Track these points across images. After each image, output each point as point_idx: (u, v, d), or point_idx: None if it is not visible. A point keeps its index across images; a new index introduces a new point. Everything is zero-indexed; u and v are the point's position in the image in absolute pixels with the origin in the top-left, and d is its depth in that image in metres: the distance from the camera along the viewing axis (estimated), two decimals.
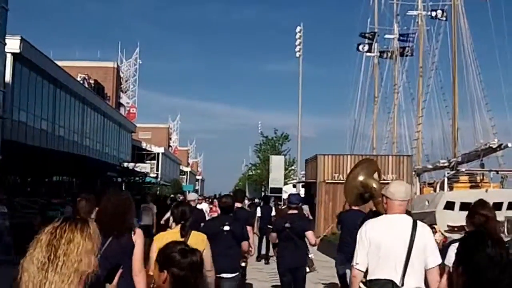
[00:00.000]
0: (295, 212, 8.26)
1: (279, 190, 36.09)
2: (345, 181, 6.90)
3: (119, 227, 4.67)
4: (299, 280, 7.98)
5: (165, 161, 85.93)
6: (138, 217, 14.72)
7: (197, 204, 12.34)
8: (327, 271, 12.76)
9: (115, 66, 70.34)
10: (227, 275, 6.85)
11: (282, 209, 15.80)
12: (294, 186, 43.79)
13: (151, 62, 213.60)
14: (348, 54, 71.11)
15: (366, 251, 4.41)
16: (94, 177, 40.51)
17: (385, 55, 47.02)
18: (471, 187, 27.57)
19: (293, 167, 52.93)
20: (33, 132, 35.28)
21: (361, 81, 48.38)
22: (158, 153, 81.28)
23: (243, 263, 8.74)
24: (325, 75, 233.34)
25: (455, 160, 31.64)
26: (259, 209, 17.09)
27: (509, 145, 29.01)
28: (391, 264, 4.31)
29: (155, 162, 79.63)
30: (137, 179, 48.84)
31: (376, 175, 6.18)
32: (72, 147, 42.99)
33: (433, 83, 38.58)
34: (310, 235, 8.01)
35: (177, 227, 5.66)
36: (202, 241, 5.51)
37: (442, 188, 27.71)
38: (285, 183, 43.07)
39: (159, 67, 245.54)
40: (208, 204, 21.61)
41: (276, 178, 37.60)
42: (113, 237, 4.62)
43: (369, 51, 47.34)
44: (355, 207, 8.15)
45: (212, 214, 15.17)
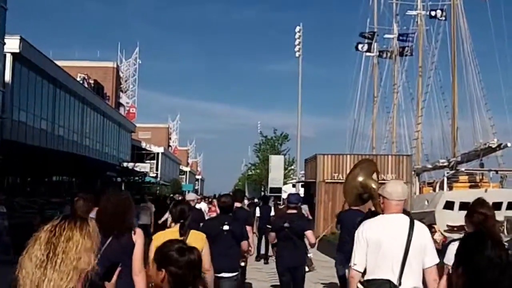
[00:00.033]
0: (294, 212, 8.24)
1: (279, 190, 36.08)
2: (344, 182, 6.91)
3: (119, 227, 4.66)
4: (298, 280, 7.96)
5: (165, 161, 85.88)
6: (136, 216, 14.71)
7: (195, 204, 12.32)
8: (327, 271, 12.75)
9: (115, 66, 70.32)
10: (227, 275, 6.84)
11: (281, 209, 15.78)
12: (294, 186, 43.84)
13: (151, 62, 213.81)
14: (347, 54, 71.26)
15: (364, 252, 4.39)
16: (94, 177, 40.49)
17: (385, 55, 47.06)
18: (471, 186, 27.52)
19: (292, 167, 52.92)
20: (32, 132, 35.26)
21: (360, 81, 48.44)
22: (158, 153, 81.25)
23: (243, 263, 8.72)
24: (325, 75, 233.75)
25: (454, 159, 31.63)
26: (258, 209, 17.04)
27: (508, 144, 28.99)
28: (388, 264, 4.30)
29: (154, 162, 79.59)
30: (136, 179, 48.81)
31: (375, 176, 6.18)
32: (71, 147, 42.98)
33: (432, 82, 38.61)
34: (309, 234, 7.99)
35: (176, 226, 5.64)
36: (201, 240, 5.49)
37: (441, 187, 27.68)
38: (285, 183, 43.09)
39: (159, 67, 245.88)
40: (207, 204, 21.59)
41: (275, 177, 37.57)
42: (113, 237, 4.60)
43: (369, 51, 47.37)
44: (354, 207, 8.15)
45: (211, 214, 15.14)
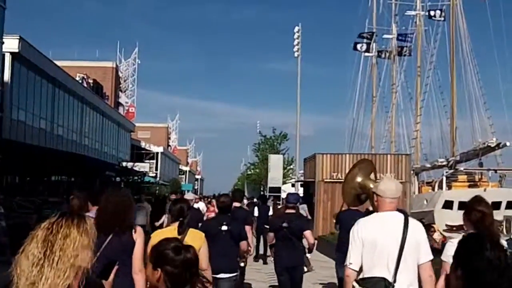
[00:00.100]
0: (292, 211, 8.23)
1: (278, 189, 36.08)
2: (343, 182, 6.90)
3: (120, 225, 4.64)
4: (296, 280, 7.95)
5: (164, 160, 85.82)
6: None
7: (193, 204, 12.31)
8: (326, 271, 12.74)
9: (114, 66, 70.28)
10: (225, 275, 6.82)
11: (278, 209, 15.75)
12: (293, 186, 43.84)
13: (151, 62, 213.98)
14: (346, 54, 71.33)
15: (359, 250, 4.37)
16: (93, 176, 40.44)
17: (383, 55, 47.13)
18: (470, 186, 27.51)
19: (291, 166, 52.96)
20: (31, 131, 35.25)
21: (359, 80, 48.52)
22: (157, 153, 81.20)
23: (242, 263, 8.72)
24: (324, 75, 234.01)
25: (453, 159, 31.66)
26: (256, 209, 16.99)
27: (507, 144, 29.01)
28: (383, 262, 4.28)
29: (154, 161, 79.53)
30: (135, 178, 48.77)
31: (373, 176, 6.18)
32: (71, 147, 42.98)
33: (431, 82, 38.65)
34: (308, 235, 7.96)
35: (174, 224, 5.62)
36: (199, 238, 5.48)
37: (440, 187, 27.70)
38: (284, 182, 43.10)
39: (159, 66, 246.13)
40: (205, 204, 21.58)
41: (274, 177, 37.57)
42: (113, 235, 4.59)
43: (368, 51, 47.44)
44: (353, 208, 8.13)
45: (210, 214, 15.11)
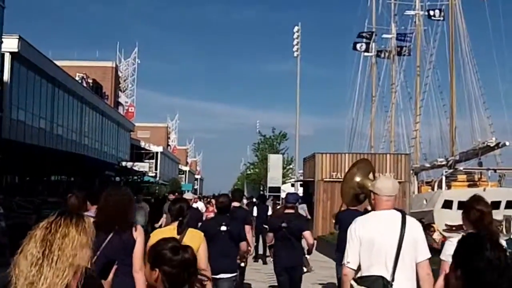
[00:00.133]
0: (291, 211, 8.22)
1: (278, 189, 36.05)
2: (342, 182, 6.90)
3: (120, 223, 4.63)
4: (295, 280, 7.94)
5: (164, 160, 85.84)
6: None
7: (192, 203, 12.30)
8: (325, 271, 12.72)
9: (114, 66, 70.29)
10: (225, 276, 6.82)
11: (277, 209, 15.73)
12: (293, 185, 43.84)
13: (151, 62, 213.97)
14: (346, 54, 71.21)
15: (357, 249, 4.37)
16: (93, 176, 40.45)
17: (383, 55, 47.13)
18: (469, 185, 27.46)
19: (291, 166, 52.95)
20: (31, 131, 35.27)
21: (358, 80, 48.50)
22: (157, 152, 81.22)
23: (243, 263, 8.72)
24: (324, 75, 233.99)
25: (452, 158, 31.63)
26: (255, 208, 16.97)
27: (507, 143, 28.97)
28: (381, 260, 4.28)
29: (153, 161, 79.54)
30: (135, 178, 48.75)
31: (372, 175, 6.17)
32: (70, 146, 43.00)
33: (430, 82, 38.61)
34: (307, 235, 7.94)
35: (174, 223, 5.62)
36: (198, 238, 5.48)
37: (440, 187, 27.67)
38: (284, 182, 43.07)
39: (158, 67, 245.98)
40: (204, 204, 21.59)
41: (274, 177, 37.55)
42: (114, 233, 4.58)
43: (367, 50, 47.45)
44: (352, 207, 8.12)
45: (209, 214, 15.10)
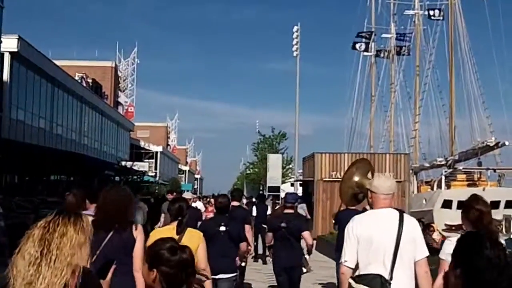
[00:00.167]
0: (291, 211, 8.23)
1: (277, 189, 36.01)
2: (340, 181, 6.90)
3: (120, 222, 4.62)
4: (294, 280, 7.95)
5: (164, 159, 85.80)
6: None
7: (191, 203, 12.31)
8: (325, 271, 12.71)
9: (113, 66, 70.27)
10: (224, 276, 6.83)
11: (275, 209, 15.73)
12: (292, 185, 43.83)
13: (151, 62, 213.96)
14: (345, 53, 71.32)
15: (355, 248, 4.35)
16: (92, 175, 40.44)
17: (382, 54, 47.18)
18: (469, 185, 27.49)
19: (290, 166, 52.94)
20: (31, 130, 35.27)
21: (358, 80, 48.58)
22: (157, 152, 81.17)
23: (244, 263, 8.72)
24: (323, 74, 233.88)
25: (452, 158, 31.66)
26: (254, 208, 16.96)
27: (506, 143, 28.99)
28: (379, 259, 4.27)
29: (153, 160, 79.49)
30: (135, 177, 48.70)
31: (370, 175, 6.17)
32: (70, 146, 43.00)
33: (430, 81, 38.69)
34: (306, 235, 7.93)
35: (173, 223, 5.61)
36: (197, 238, 5.48)
37: (439, 186, 27.71)
38: (283, 182, 43.05)
39: (159, 66, 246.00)
40: (203, 204, 21.61)
41: (273, 176, 37.51)
42: (114, 232, 4.57)
43: (366, 50, 47.48)
44: (351, 207, 8.11)
45: (208, 214, 15.10)
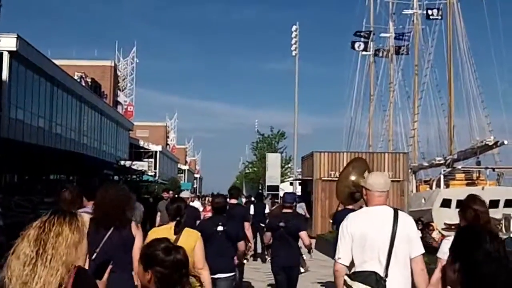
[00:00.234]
0: (289, 211, 8.24)
1: (276, 188, 36.04)
2: (337, 180, 6.92)
3: (120, 219, 4.63)
4: (293, 279, 7.97)
5: (163, 159, 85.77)
6: None
7: (189, 202, 12.34)
8: (325, 270, 12.68)
9: (112, 65, 70.23)
10: (223, 275, 6.84)
11: (272, 209, 15.74)
12: (291, 184, 43.86)
13: (151, 61, 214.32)
14: (344, 53, 71.31)
15: (349, 245, 4.35)
16: (91, 175, 40.42)
17: (381, 54, 47.21)
18: (468, 184, 27.51)
19: (289, 165, 52.95)
20: (30, 130, 35.24)
21: (357, 79, 48.64)
22: (156, 151, 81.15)
23: (246, 260, 8.73)
24: (322, 74, 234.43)
25: (451, 157, 31.70)
26: (252, 207, 16.96)
27: (505, 142, 29.02)
28: (375, 256, 4.27)
29: (152, 160, 79.46)
30: (134, 177, 48.67)
31: (367, 174, 6.18)
32: (69, 145, 42.97)
33: (428, 81, 38.74)
34: (303, 236, 7.92)
35: (171, 223, 5.61)
36: (194, 237, 5.48)
37: (438, 185, 27.73)
38: (282, 181, 43.07)
39: (158, 66, 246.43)
40: (201, 203, 21.64)
41: (272, 175, 37.54)
42: (114, 229, 4.58)
43: (365, 49, 47.49)
44: (349, 206, 8.14)
45: (206, 214, 15.12)
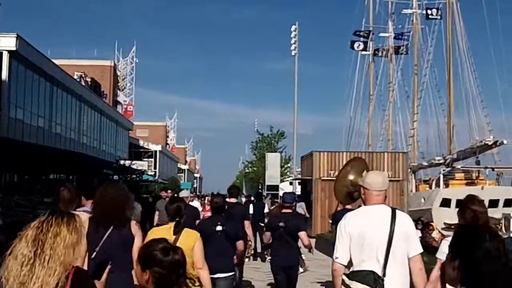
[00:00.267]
0: (289, 211, 8.26)
1: (276, 188, 36.04)
2: (335, 180, 6.92)
3: (119, 218, 4.64)
4: (292, 279, 7.99)
5: (163, 159, 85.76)
6: None
7: (188, 202, 12.35)
8: (324, 269, 12.65)
9: (112, 65, 70.19)
10: (222, 275, 6.85)
11: (271, 209, 15.74)
12: (291, 183, 43.88)
13: (151, 61, 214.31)
14: (344, 52, 71.45)
15: (347, 245, 4.36)
16: (91, 174, 40.40)
17: (380, 54, 47.22)
18: (467, 184, 27.52)
19: (289, 165, 52.95)
20: (30, 129, 35.23)
21: (356, 79, 48.69)
22: (156, 151, 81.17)
23: (247, 259, 8.73)
24: (322, 73, 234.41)
25: (450, 157, 31.71)
26: (251, 206, 16.95)
27: (504, 142, 29.03)
28: (373, 255, 4.27)
29: (152, 160, 79.46)
30: (133, 176, 48.65)
31: (365, 173, 6.19)
32: (69, 145, 42.96)
33: (428, 80, 38.78)
34: (303, 236, 7.93)
35: (171, 223, 5.62)
36: (194, 237, 5.49)
37: (438, 185, 27.73)
38: (282, 180, 43.08)
39: (158, 66, 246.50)
40: (200, 203, 21.65)
41: (272, 175, 37.52)
42: (114, 228, 4.59)
43: (364, 49, 47.47)
44: (348, 206, 8.15)
45: (206, 214, 15.12)
